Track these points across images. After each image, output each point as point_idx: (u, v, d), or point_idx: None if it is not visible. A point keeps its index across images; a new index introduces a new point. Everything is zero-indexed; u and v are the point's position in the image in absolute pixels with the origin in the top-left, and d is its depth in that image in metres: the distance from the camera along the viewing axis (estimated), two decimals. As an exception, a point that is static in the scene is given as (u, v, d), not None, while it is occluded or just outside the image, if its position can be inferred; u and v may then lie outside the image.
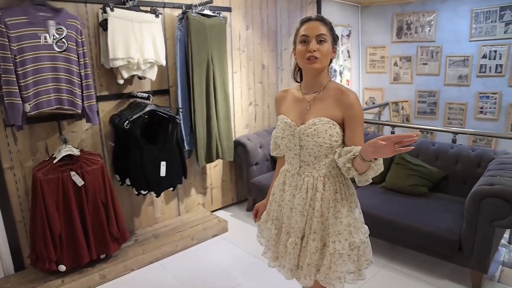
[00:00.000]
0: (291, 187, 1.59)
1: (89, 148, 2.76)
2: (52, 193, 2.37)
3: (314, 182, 1.53)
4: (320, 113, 1.49)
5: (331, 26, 1.51)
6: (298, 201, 1.56)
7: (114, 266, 2.64)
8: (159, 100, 3.10)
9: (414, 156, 3.22)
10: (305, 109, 1.54)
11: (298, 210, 1.56)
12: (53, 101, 2.35)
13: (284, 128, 1.57)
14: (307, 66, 1.48)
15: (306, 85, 1.57)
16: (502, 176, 2.38)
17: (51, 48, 2.28)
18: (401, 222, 2.62)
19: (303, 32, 1.47)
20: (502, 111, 4.58)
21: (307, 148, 1.51)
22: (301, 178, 1.56)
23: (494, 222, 2.26)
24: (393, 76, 5.40)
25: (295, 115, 1.56)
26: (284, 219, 1.63)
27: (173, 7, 3.06)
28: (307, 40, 1.46)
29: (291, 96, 1.62)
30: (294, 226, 1.58)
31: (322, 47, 1.45)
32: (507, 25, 4.36)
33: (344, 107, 1.47)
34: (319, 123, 1.47)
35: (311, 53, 1.44)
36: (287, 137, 1.55)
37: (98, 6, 2.62)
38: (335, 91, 1.51)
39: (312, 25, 1.47)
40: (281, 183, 1.66)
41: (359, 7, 5.41)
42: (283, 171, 1.67)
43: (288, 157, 1.61)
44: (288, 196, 1.60)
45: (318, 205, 1.52)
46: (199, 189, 3.59)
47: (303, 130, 1.50)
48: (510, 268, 2.66)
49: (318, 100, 1.53)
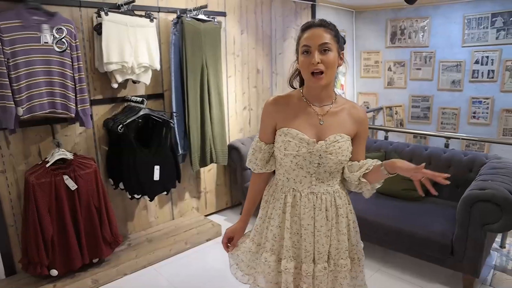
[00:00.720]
0: (307, 209, 1.42)
1: (83, 152, 2.75)
2: (45, 197, 2.35)
3: (332, 199, 1.44)
4: (337, 128, 1.40)
5: (335, 30, 1.36)
6: (320, 223, 1.42)
7: (107, 270, 2.63)
8: (153, 104, 3.10)
9: (407, 161, 3.23)
10: (318, 123, 1.40)
11: (322, 232, 1.43)
12: (47, 105, 2.34)
13: (299, 145, 1.38)
14: (313, 83, 1.35)
15: (313, 96, 1.43)
16: (493, 180, 2.40)
17: (45, 51, 2.28)
18: (394, 226, 2.63)
19: (304, 41, 1.33)
20: (494, 116, 4.62)
21: (325, 165, 1.39)
22: (318, 197, 1.43)
23: (486, 226, 2.28)
24: (387, 81, 5.44)
25: (308, 130, 1.39)
26: (306, 246, 1.44)
27: (167, 12, 3.07)
28: (309, 51, 1.32)
29: (294, 105, 1.44)
30: (321, 250, 1.43)
31: (326, 57, 1.31)
32: (498, 31, 4.42)
33: (359, 123, 1.43)
34: (342, 141, 1.38)
35: (314, 66, 1.30)
36: (303, 155, 1.38)
37: (92, 10, 2.63)
38: (347, 105, 1.45)
39: (314, 33, 1.32)
40: (288, 206, 1.45)
41: (353, 13, 5.45)
42: (285, 192, 1.47)
43: (296, 175, 1.43)
44: (307, 219, 1.42)
45: (344, 221, 1.45)
46: (193, 193, 3.59)
47: (325, 148, 1.37)
48: (502, 272, 2.68)
49: (331, 114, 1.41)
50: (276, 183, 1.51)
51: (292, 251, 1.45)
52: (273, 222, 1.48)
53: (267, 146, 1.48)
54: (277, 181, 1.51)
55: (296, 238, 1.45)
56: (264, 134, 1.49)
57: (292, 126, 1.40)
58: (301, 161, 1.39)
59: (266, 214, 1.53)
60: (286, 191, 1.46)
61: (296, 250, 1.46)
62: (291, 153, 1.38)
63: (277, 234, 1.47)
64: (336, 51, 1.34)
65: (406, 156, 3.27)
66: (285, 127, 1.41)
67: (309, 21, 1.39)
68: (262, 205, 1.57)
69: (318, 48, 1.30)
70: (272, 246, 1.48)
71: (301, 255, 1.45)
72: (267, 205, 1.54)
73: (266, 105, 1.47)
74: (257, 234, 1.56)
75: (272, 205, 1.50)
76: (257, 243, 1.56)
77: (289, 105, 1.44)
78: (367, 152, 3.40)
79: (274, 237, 1.47)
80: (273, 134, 1.47)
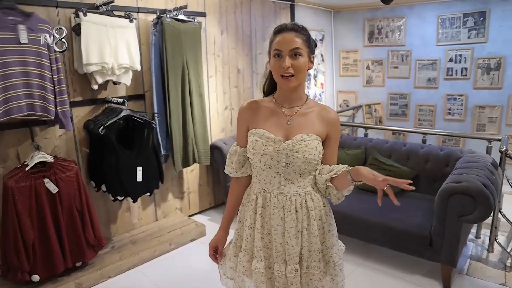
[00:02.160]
0: (276, 209, 1.43)
1: (63, 154, 2.72)
2: (25, 201, 2.31)
3: (302, 201, 1.43)
4: (305, 128, 1.41)
5: (307, 35, 1.39)
6: (290, 224, 1.42)
7: (91, 274, 2.60)
8: (134, 105, 3.08)
9: (386, 157, 3.32)
10: (285, 123, 1.43)
11: (292, 234, 1.42)
12: (25, 107, 2.30)
13: (265, 143, 1.40)
14: (282, 85, 1.39)
15: (283, 98, 1.46)
16: (468, 174, 2.49)
17: (22, 52, 2.24)
18: (374, 221, 2.70)
19: (276, 45, 1.35)
20: (468, 112, 4.79)
21: (294, 165, 1.39)
22: (288, 198, 1.43)
23: (462, 217, 2.37)
24: (365, 79, 5.55)
25: (276, 130, 1.42)
26: (276, 246, 1.45)
27: (147, 12, 3.06)
28: (281, 55, 1.34)
29: (264, 108, 1.48)
30: (290, 252, 1.43)
31: (297, 62, 1.34)
32: (470, 30, 4.58)
33: (329, 124, 1.44)
34: (309, 139, 1.38)
35: (285, 70, 1.33)
36: (270, 154, 1.39)
37: (70, 10, 2.59)
38: (317, 107, 1.46)
39: (286, 38, 1.34)
40: (258, 207, 1.47)
41: (331, 12, 5.54)
42: (257, 193, 1.49)
43: (266, 176, 1.44)
44: (277, 219, 1.43)
45: (315, 223, 1.44)
46: (176, 193, 3.58)
47: (291, 146, 1.38)
48: (477, 261, 2.79)
49: (299, 115, 1.44)
50: (251, 186, 1.54)
51: (264, 251, 1.47)
52: (246, 223, 1.50)
53: (242, 149, 1.50)
54: (251, 184, 1.54)
55: (268, 239, 1.47)
56: (239, 138, 1.52)
57: (261, 126, 1.43)
58: (269, 160, 1.40)
59: (244, 217, 1.54)
60: (257, 193, 1.48)
61: (268, 250, 1.47)
62: (258, 152, 1.40)
63: (249, 234, 1.49)
64: (307, 55, 1.37)
65: (386, 152, 3.35)
66: (253, 128, 1.45)
67: (282, 24, 1.39)
68: (239, 209, 1.59)
69: (289, 53, 1.33)
70: (245, 246, 1.50)
71: (273, 255, 1.46)
72: (243, 208, 1.56)
73: (240, 111, 1.52)
74: (238, 238, 1.58)
75: (246, 207, 1.53)
76: (239, 245, 1.57)
77: (261, 109, 1.47)
78: (348, 149, 3.48)
79: (247, 237, 1.50)
80: (247, 137, 1.49)
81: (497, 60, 4.47)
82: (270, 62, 1.41)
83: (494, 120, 4.62)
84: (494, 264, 2.76)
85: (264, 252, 1.46)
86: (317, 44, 1.47)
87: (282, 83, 1.38)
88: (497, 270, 2.68)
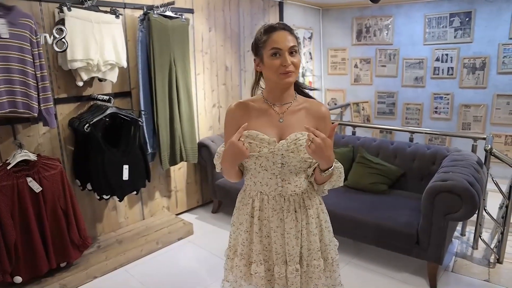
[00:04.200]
0: (275, 211, 1.43)
1: (47, 152, 2.65)
2: (7, 200, 2.25)
3: (300, 200, 1.45)
4: (298, 126, 1.39)
5: (295, 34, 1.40)
6: (289, 225, 1.42)
7: (76, 274, 2.55)
8: (120, 103, 3.03)
9: (374, 155, 3.34)
10: (277, 122, 1.42)
11: (292, 234, 1.42)
12: (6, 104, 2.23)
13: (260, 145, 1.38)
14: (282, 81, 1.35)
15: (274, 97, 1.43)
16: (454, 172, 2.52)
17: (3, 48, 2.17)
18: (362, 219, 2.71)
19: (274, 44, 1.33)
20: (454, 111, 4.85)
21: (289, 165, 1.39)
22: (286, 199, 1.43)
23: (448, 215, 2.39)
24: (353, 78, 5.58)
25: (268, 129, 1.40)
26: (276, 248, 1.44)
27: (134, 8, 3.01)
28: (280, 53, 1.32)
29: (253, 108, 1.45)
30: (291, 252, 1.43)
31: (295, 59, 1.34)
32: (456, 30, 4.63)
33: (319, 119, 1.43)
34: (303, 138, 1.36)
35: (287, 68, 1.32)
36: (265, 155, 1.38)
37: (54, 5, 2.53)
38: (307, 103, 1.46)
39: (283, 36, 1.33)
40: (255, 210, 1.46)
41: (320, 10, 5.54)
42: (252, 196, 1.47)
43: (262, 178, 1.43)
44: (276, 221, 1.43)
45: (315, 222, 1.45)
46: (164, 192, 3.54)
47: (286, 147, 1.37)
48: (462, 258, 2.83)
49: (290, 112, 1.42)
50: (245, 189, 1.52)
51: (263, 254, 1.46)
52: (242, 227, 1.49)
53: None
54: (245, 187, 1.52)
55: (267, 241, 1.46)
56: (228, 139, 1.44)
57: (253, 127, 1.40)
58: (264, 162, 1.39)
59: (238, 220, 1.53)
60: (253, 195, 1.47)
61: (267, 253, 1.47)
62: (253, 154, 1.38)
63: (245, 239, 1.48)
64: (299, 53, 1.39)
65: (373, 151, 3.37)
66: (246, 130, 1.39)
67: (270, 24, 1.38)
68: (234, 212, 1.58)
69: (288, 50, 1.32)
70: (241, 251, 1.49)
71: (272, 257, 1.46)
72: (237, 211, 1.55)
73: (229, 111, 1.47)
74: (232, 241, 1.58)
75: (241, 211, 1.51)
76: (233, 250, 1.57)
77: (250, 109, 1.44)
78: (335, 147, 3.49)
79: (243, 241, 1.48)
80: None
81: (482, 59, 4.53)
82: (265, 61, 1.36)
83: (479, 119, 4.69)
84: (479, 260, 2.80)
85: (263, 255, 1.46)
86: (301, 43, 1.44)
87: (282, 79, 1.34)
88: (481, 266, 2.72)
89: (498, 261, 2.75)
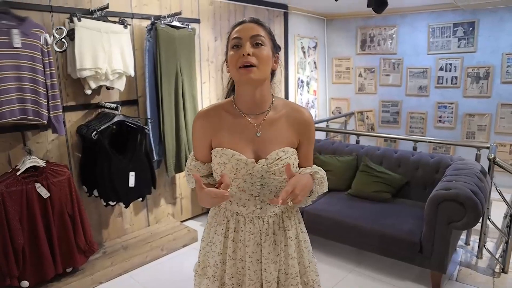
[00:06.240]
0: (252, 235, 1.27)
1: (55, 159, 2.70)
2: (16, 206, 2.30)
3: (279, 221, 1.30)
4: (278, 140, 1.23)
5: (270, 30, 1.24)
6: (268, 249, 1.27)
7: (81, 279, 2.58)
8: (127, 111, 3.08)
9: (378, 164, 3.35)
10: (254, 136, 1.22)
11: (270, 260, 1.27)
12: (17, 112, 2.29)
13: (236, 166, 1.20)
14: (242, 77, 1.16)
15: (245, 104, 1.24)
16: (457, 181, 2.53)
17: (16, 57, 2.24)
18: (366, 227, 2.72)
19: (234, 34, 1.18)
20: (458, 120, 4.86)
21: (270, 186, 1.23)
22: (265, 221, 1.27)
23: (451, 224, 2.40)
24: (358, 87, 5.61)
25: (245, 146, 1.22)
26: (249, 274, 1.28)
27: (141, 18, 3.07)
28: (240, 44, 1.16)
29: (226, 117, 1.25)
30: (269, 279, 1.28)
31: (259, 51, 1.15)
32: (459, 40, 4.67)
33: (301, 128, 1.27)
34: (286, 157, 1.21)
35: (245, 58, 1.13)
36: (242, 177, 1.21)
37: (64, 15, 2.60)
38: (286, 109, 1.27)
39: (246, 26, 1.19)
40: (230, 232, 1.29)
41: (324, 20, 5.60)
42: (227, 216, 1.30)
43: (238, 199, 1.26)
44: (252, 246, 1.27)
45: (293, 244, 1.31)
46: (169, 199, 3.57)
47: (267, 168, 1.20)
48: (467, 268, 2.82)
49: (268, 123, 1.24)
50: (219, 205, 1.33)
51: (236, 278, 1.30)
52: (215, 248, 1.32)
53: (206, 165, 1.31)
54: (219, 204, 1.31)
55: (240, 265, 1.30)
56: (199, 152, 1.30)
57: (227, 144, 1.23)
58: (241, 183, 1.22)
59: (208, 237, 1.38)
60: (228, 216, 1.30)
61: (240, 277, 1.31)
62: (229, 176, 1.20)
63: (219, 260, 1.31)
64: (271, 49, 1.20)
65: (377, 159, 3.39)
66: (219, 146, 1.24)
67: (242, 19, 1.25)
68: (205, 227, 1.42)
69: (250, 40, 1.16)
70: (214, 272, 1.33)
71: (245, 282, 1.30)
72: (209, 227, 1.38)
73: (197, 120, 1.28)
74: (201, 257, 1.43)
75: (213, 228, 1.34)
76: (202, 265, 1.42)
77: (221, 118, 1.25)
78: (340, 156, 3.51)
79: (216, 263, 1.32)
80: (210, 152, 1.29)
81: (486, 69, 4.55)
82: (228, 58, 1.21)
83: (484, 128, 4.70)
84: (483, 270, 2.79)
85: (236, 279, 1.31)
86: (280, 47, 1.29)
87: (242, 77, 1.15)
88: (486, 276, 2.71)
89: (503, 271, 2.74)
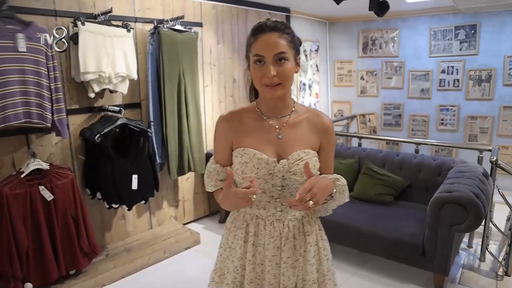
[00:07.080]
0: (272, 238, 1.27)
1: (59, 162, 2.72)
2: (19, 208, 2.31)
3: (300, 225, 1.29)
4: (299, 142, 1.24)
5: (291, 33, 1.19)
6: (287, 254, 1.27)
7: (84, 282, 2.59)
8: (130, 114, 3.10)
9: (380, 166, 3.36)
10: (276, 138, 1.24)
11: (289, 264, 1.27)
12: (22, 115, 2.31)
13: (257, 166, 1.21)
14: (266, 94, 1.19)
15: (268, 108, 1.27)
16: (459, 183, 2.53)
17: (20, 61, 2.26)
18: (368, 230, 2.73)
19: (256, 50, 1.16)
20: (460, 123, 4.86)
21: (290, 188, 1.23)
22: (285, 225, 1.27)
23: (453, 227, 2.40)
24: (360, 90, 5.62)
25: (266, 147, 1.23)
26: (269, 279, 1.28)
27: (144, 22, 3.10)
28: (263, 61, 1.15)
29: (248, 120, 1.27)
30: (286, 283, 1.27)
31: (283, 68, 1.14)
32: (461, 43, 4.67)
33: (322, 132, 1.28)
34: (307, 158, 1.21)
35: (269, 80, 1.14)
36: (263, 177, 1.21)
37: (68, 19, 2.62)
38: (308, 113, 1.29)
39: (268, 41, 1.14)
40: (250, 236, 1.29)
41: (326, 23, 5.62)
42: (247, 220, 1.30)
43: (259, 201, 1.26)
44: (272, 250, 1.27)
45: (313, 250, 1.30)
46: (171, 202, 3.58)
47: (288, 168, 1.20)
48: (469, 270, 2.82)
49: (290, 126, 1.26)
50: (238, 210, 1.33)
51: (255, 283, 1.30)
52: (235, 253, 1.32)
53: (225, 169, 1.31)
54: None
55: (260, 269, 1.30)
56: (220, 155, 1.32)
57: (248, 144, 1.24)
58: (262, 184, 1.22)
59: (227, 243, 1.36)
60: (248, 219, 1.30)
61: (259, 281, 1.30)
62: (250, 176, 1.21)
63: (239, 266, 1.31)
64: (293, 58, 1.19)
65: (379, 162, 3.39)
66: (240, 147, 1.25)
67: (261, 22, 1.19)
68: (223, 232, 1.42)
69: (273, 58, 1.14)
70: (234, 279, 1.32)
71: (265, 286, 1.30)
72: (228, 232, 1.37)
73: (219, 123, 1.30)
74: (219, 264, 1.41)
75: (233, 233, 1.34)
76: (219, 273, 1.41)
77: (243, 121, 1.27)
78: (342, 159, 3.52)
79: (236, 269, 1.31)
80: (230, 155, 1.30)
81: (488, 72, 4.56)
82: (251, 68, 1.21)
83: (486, 131, 4.69)
84: (486, 273, 2.78)
85: (255, 284, 1.31)
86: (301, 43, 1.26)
87: (266, 93, 1.19)
88: (489, 279, 2.70)
89: (506, 274, 2.73)
